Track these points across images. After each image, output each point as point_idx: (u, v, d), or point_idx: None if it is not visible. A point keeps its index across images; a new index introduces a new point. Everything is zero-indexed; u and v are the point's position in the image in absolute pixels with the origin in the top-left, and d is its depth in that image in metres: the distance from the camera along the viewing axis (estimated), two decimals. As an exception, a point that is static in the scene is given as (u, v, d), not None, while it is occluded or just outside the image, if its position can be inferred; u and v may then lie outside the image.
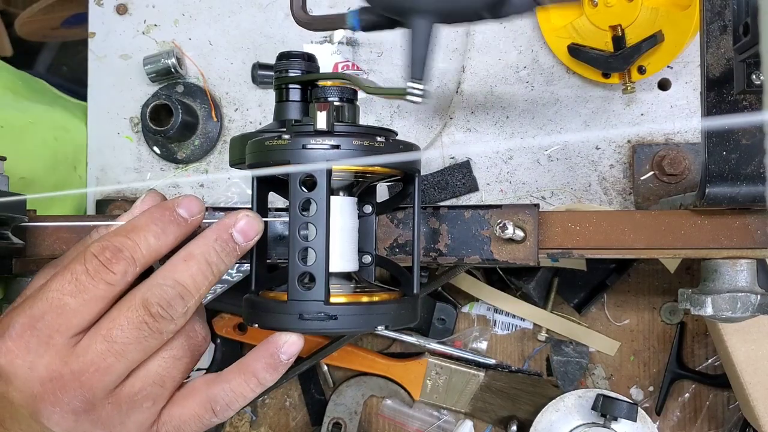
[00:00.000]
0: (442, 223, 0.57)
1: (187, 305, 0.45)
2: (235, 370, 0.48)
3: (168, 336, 0.45)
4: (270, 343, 0.47)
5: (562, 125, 0.72)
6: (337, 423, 0.77)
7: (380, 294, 0.50)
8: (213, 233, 0.47)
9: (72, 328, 0.44)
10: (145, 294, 0.44)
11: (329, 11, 0.75)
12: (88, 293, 0.44)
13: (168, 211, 0.47)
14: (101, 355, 0.44)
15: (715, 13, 0.50)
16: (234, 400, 0.47)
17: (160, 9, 0.78)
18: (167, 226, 0.46)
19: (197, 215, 0.48)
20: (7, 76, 0.78)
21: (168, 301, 0.44)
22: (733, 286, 0.55)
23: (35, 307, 0.44)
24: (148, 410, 0.46)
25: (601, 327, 0.76)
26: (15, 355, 0.43)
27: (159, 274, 0.45)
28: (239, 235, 0.47)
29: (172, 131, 0.72)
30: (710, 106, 0.51)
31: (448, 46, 0.74)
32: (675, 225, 0.55)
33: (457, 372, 0.76)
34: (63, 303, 0.44)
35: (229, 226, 0.47)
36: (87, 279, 0.44)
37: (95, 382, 0.44)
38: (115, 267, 0.44)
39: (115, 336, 0.44)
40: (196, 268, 0.46)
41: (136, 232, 0.45)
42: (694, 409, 0.75)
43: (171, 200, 0.48)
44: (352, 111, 0.52)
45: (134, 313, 0.44)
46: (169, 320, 0.45)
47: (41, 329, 0.44)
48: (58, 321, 0.44)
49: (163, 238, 0.46)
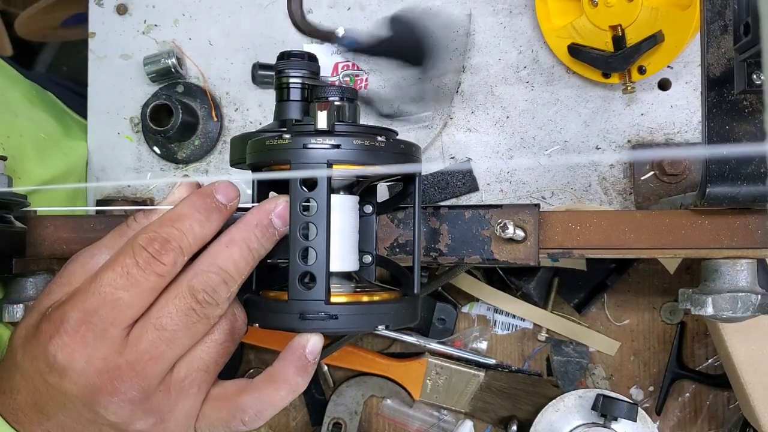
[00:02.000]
0: (443, 223, 0.57)
1: (230, 290, 0.46)
2: (265, 380, 0.48)
3: (214, 320, 0.46)
4: (294, 346, 0.48)
5: (562, 125, 0.72)
6: (337, 423, 0.77)
7: (381, 294, 0.50)
8: (254, 218, 0.47)
9: (125, 320, 0.45)
10: (191, 281, 0.45)
11: (329, 11, 0.75)
12: (141, 286, 0.44)
13: (209, 198, 0.47)
14: (153, 343, 0.44)
15: (715, 13, 0.50)
16: (264, 409, 0.48)
17: (160, 9, 0.78)
18: (210, 213, 0.47)
19: (235, 200, 0.49)
20: (23, 85, 0.78)
21: (213, 287, 0.45)
22: (734, 286, 0.55)
23: (88, 301, 0.45)
24: (194, 396, 0.48)
25: (601, 327, 0.76)
26: (72, 349, 0.44)
27: (203, 261, 0.46)
28: (278, 220, 0.48)
29: (172, 131, 0.72)
30: (710, 106, 0.51)
31: (448, 46, 0.74)
32: (675, 225, 0.55)
33: (457, 372, 0.76)
34: (116, 297, 0.44)
35: (269, 212, 0.48)
36: (138, 272, 0.44)
37: (149, 370, 0.45)
38: (165, 258, 0.45)
39: (165, 324, 0.45)
40: (238, 253, 0.46)
41: (182, 221, 0.46)
42: (694, 409, 0.75)
43: (208, 187, 0.48)
44: (352, 110, 0.52)
45: (182, 300, 0.45)
46: (214, 305, 0.45)
47: (96, 323, 0.44)
48: (113, 314, 0.44)
49: (207, 225, 0.47)
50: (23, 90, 0.77)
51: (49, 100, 0.82)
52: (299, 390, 0.48)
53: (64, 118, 0.81)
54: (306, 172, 0.46)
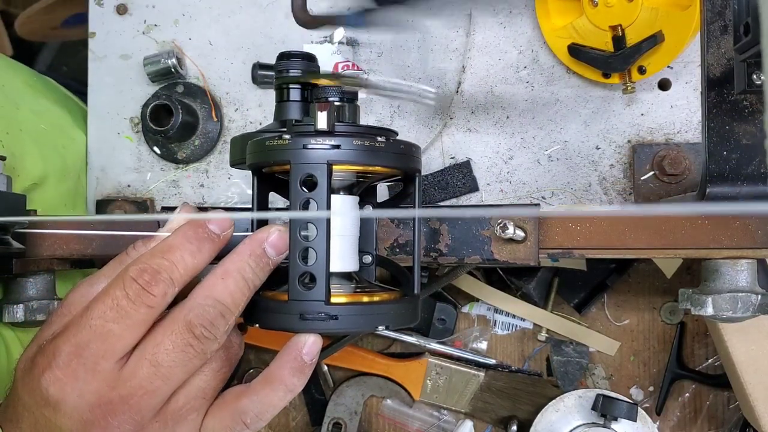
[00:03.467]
0: (443, 223, 0.57)
1: (228, 323, 0.46)
2: (262, 381, 0.48)
3: (212, 354, 0.46)
4: (291, 347, 0.48)
5: (562, 125, 0.72)
6: (337, 423, 0.77)
7: (381, 294, 0.50)
8: (247, 248, 0.47)
9: (117, 353, 0.44)
10: (187, 316, 0.45)
11: (329, 11, 0.75)
12: (131, 318, 0.44)
13: (201, 228, 0.47)
14: (148, 378, 0.44)
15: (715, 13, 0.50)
16: (264, 410, 0.48)
17: (160, 9, 0.78)
18: (202, 244, 0.47)
19: (228, 230, 0.48)
20: (24, 73, 0.77)
21: (210, 321, 0.45)
22: (734, 286, 0.55)
23: (79, 335, 0.44)
24: (192, 422, 0.47)
25: (601, 327, 0.76)
26: (64, 383, 0.44)
27: (199, 294, 0.46)
28: (271, 249, 0.47)
29: (172, 131, 0.72)
30: (710, 106, 0.51)
31: (448, 46, 0.74)
32: (675, 225, 0.55)
33: (457, 372, 0.76)
34: (107, 330, 0.44)
35: (262, 241, 0.47)
36: (128, 304, 0.44)
37: (143, 405, 0.44)
38: (155, 289, 0.44)
39: (161, 360, 0.44)
40: (233, 285, 0.46)
41: (173, 252, 0.46)
42: (694, 409, 0.75)
43: (202, 217, 0.48)
44: (352, 111, 0.52)
45: (179, 336, 0.44)
46: (212, 340, 0.45)
47: (87, 357, 0.44)
48: (104, 348, 0.44)
49: (199, 256, 0.46)
50: (25, 77, 0.77)
51: (52, 86, 0.82)
52: (296, 390, 0.48)
53: (68, 104, 0.80)
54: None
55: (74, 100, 0.84)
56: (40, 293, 0.62)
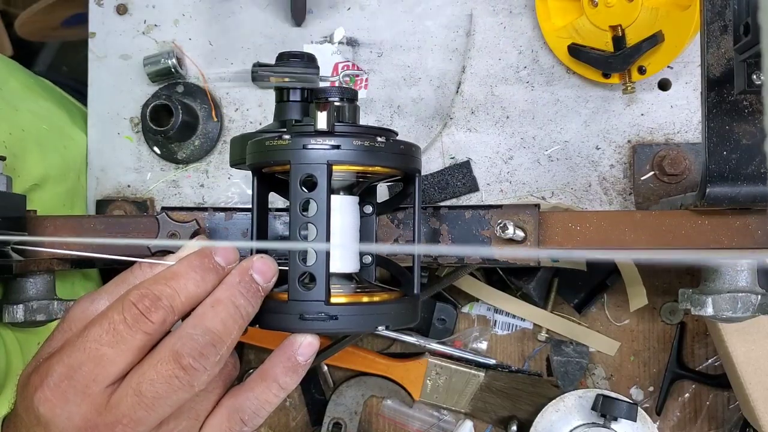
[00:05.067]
0: (443, 223, 0.57)
1: (219, 353, 0.45)
2: (256, 378, 0.48)
3: (200, 387, 0.45)
4: (286, 346, 0.47)
5: (562, 125, 0.72)
6: (337, 423, 0.77)
7: (381, 294, 0.50)
8: (236, 276, 0.47)
9: (108, 378, 0.44)
10: (175, 345, 0.44)
11: (329, 11, 0.75)
12: (126, 343, 0.44)
13: (207, 259, 0.47)
14: (132, 408, 0.43)
15: (715, 13, 0.50)
16: (260, 407, 0.48)
17: (160, 9, 0.78)
18: (207, 274, 0.46)
19: (233, 263, 0.48)
20: (22, 74, 0.77)
21: (200, 350, 0.44)
22: (734, 286, 0.55)
23: (73, 356, 0.44)
24: None
25: (601, 327, 0.76)
26: (53, 404, 0.44)
27: (188, 324, 0.45)
28: (259, 276, 0.47)
29: (172, 131, 0.72)
30: (710, 106, 0.51)
31: (448, 46, 0.74)
32: (675, 225, 0.55)
33: (457, 372, 0.76)
34: (101, 354, 0.43)
35: (248, 268, 0.47)
36: (125, 329, 0.44)
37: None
38: (154, 316, 0.44)
39: (144, 390, 0.43)
40: (225, 312, 0.45)
41: (176, 280, 0.45)
42: (694, 409, 0.75)
43: (208, 248, 0.48)
44: (352, 111, 0.52)
45: (164, 366, 0.43)
46: (202, 371, 0.44)
47: (78, 379, 0.43)
48: (95, 371, 0.43)
49: (202, 285, 0.46)
50: (21, 79, 0.76)
51: (49, 87, 0.82)
52: (288, 389, 0.48)
53: (66, 104, 0.80)
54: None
55: (72, 101, 0.84)
56: (40, 293, 0.62)
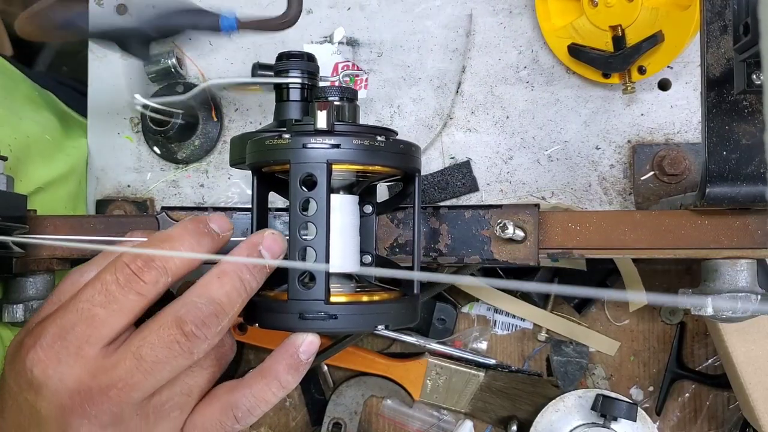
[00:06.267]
0: (443, 223, 0.57)
1: (221, 324, 0.45)
2: (256, 375, 0.48)
3: (199, 356, 0.45)
4: (288, 344, 0.47)
5: (562, 125, 0.72)
6: (337, 423, 0.77)
7: (380, 294, 0.51)
8: (243, 251, 0.47)
9: (102, 339, 0.44)
10: (178, 312, 0.44)
11: (329, 11, 0.75)
12: (118, 303, 0.43)
13: (202, 224, 0.47)
14: (129, 371, 0.43)
15: (715, 13, 0.50)
16: (256, 405, 0.47)
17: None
18: (202, 239, 0.46)
19: (228, 232, 0.48)
20: (24, 86, 0.78)
21: (202, 319, 0.44)
22: (734, 286, 0.55)
23: (66, 317, 0.44)
24: (175, 419, 0.47)
25: (601, 327, 0.76)
26: (46, 365, 0.43)
27: (193, 292, 0.45)
28: (267, 252, 0.47)
29: (172, 131, 0.72)
30: (710, 106, 0.51)
31: (448, 46, 0.74)
32: (675, 225, 0.55)
33: (457, 372, 0.76)
34: (93, 314, 0.43)
35: (257, 244, 0.47)
36: (117, 289, 0.43)
37: (123, 398, 0.43)
38: (146, 276, 0.44)
39: (144, 354, 0.43)
40: (230, 285, 0.45)
41: (170, 242, 0.45)
42: (694, 409, 0.75)
43: (202, 216, 0.48)
44: (352, 110, 0.52)
45: (166, 331, 0.43)
46: (202, 339, 0.44)
47: (71, 340, 0.43)
48: (88, 332, 0.43)
49: (197, 249, 0.46)
50: (25, 91, 0.77)
51: (50, 99, 0.82)
52: (289, 388, 0.48)
53: (65, 118, 0.81)
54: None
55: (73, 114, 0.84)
56: (40, 293, 0.62)
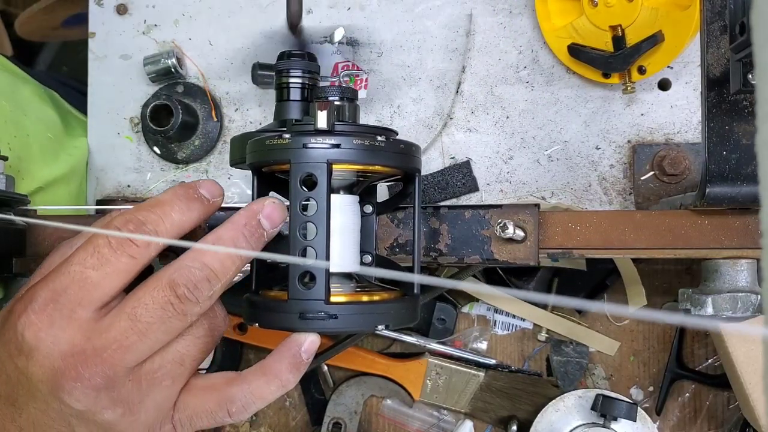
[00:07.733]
0: (443, 223, 0.57)
1: (213, 289, 0.45)
2: (256, 372, 0.48)
3: (192, 318, 0.45)
4: (291, 343, 0.48)
5: (562, 125, 0.72)
6: (337, 423, 0.77)
7: (381, 293, 0.51)
8: (242, 219, 0.47)
9: (95, 302, 0.44)
10: (172, 275, 0.44)
11: (329, 11, 0.75)
12: (111, 266, 0.44)
13: (192, 189, 0.47)
14: (124, 332, 0.43)
15: (715, 13, 0.50)
16: (252, 402, 0.47)
17: (160, 9, 0.78)
18: (191, 203, 0.47)
19: (218, 197, 0.48)
20: (33, 84, 0.78)
21: (195, 283, 0.44)
22: (734, 286, 0.55)
23: (57, 280, 0.44)
24: (167, 389, 0.47)
25: (601, 327, 0.76)
26: (38, 328, 0.43)
27: (188, 256, 0.45)
28: (266, 221, 0.47)
29: (172, 131, 0.72)
30: (710, 106, 0.51)
31: (448, 47, 0.74)
32: (675, 225, 0.55)
33: (457, 372, 0.76)
34: (85, 276, 0.44)
35: (257, 212, 0.47)
36: (109, 251, 0.44)
37: (117, 360, 0.44)
38: (138, 239, 0.44)
39: (139, 315, 0.44)
40: (224, 252, 0.46)
41: (161, 207, 0.46)
42: (694, 409, 0.75)
43: (192, 182, 0.48)
44: (352, 110, 0.52)
45: (160, 293, 0.44)
46: (194, 302, 0.44)
47: (64, 303, 0.43)
48: (80, 294, 0.44)
49: (187, 213, 0.46)
50: (32, 88, 0.77)
51: (54, 97, 0.82)
52: (288, 387, 0.48)
53: (67, 117, 0.81)
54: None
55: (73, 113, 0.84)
56: (24, 285, 0.62)
